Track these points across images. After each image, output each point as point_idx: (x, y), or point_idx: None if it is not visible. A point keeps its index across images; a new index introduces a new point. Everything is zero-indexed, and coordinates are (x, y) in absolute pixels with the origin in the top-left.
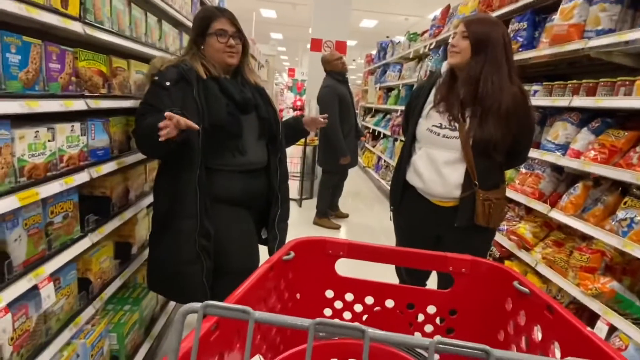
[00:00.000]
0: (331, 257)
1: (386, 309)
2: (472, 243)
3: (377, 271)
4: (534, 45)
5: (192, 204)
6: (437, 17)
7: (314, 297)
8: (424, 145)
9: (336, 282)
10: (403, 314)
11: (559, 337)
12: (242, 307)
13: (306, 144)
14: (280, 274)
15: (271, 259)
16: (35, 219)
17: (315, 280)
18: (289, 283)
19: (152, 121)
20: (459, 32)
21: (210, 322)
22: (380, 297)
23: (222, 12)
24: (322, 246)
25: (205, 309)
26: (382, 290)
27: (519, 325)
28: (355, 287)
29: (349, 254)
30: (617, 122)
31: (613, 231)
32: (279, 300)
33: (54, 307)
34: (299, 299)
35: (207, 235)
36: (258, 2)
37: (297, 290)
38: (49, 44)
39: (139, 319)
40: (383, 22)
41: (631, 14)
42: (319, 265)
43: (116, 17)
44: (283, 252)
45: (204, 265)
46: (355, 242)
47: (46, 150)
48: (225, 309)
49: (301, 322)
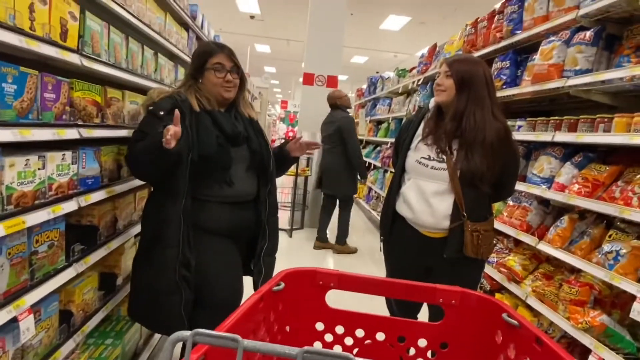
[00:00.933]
0: (322, 288)
1: (377, 342)
2: (462, 274)
3: (368, 302)
4: (517, 82)
5: (175, 233)
6: (424, 55)
7: (303, 330)
8: (413, 176)
9: (327, 314)
10: (394, 347)
11: None
12: (232, 336)
13: (297, 174)
14: (270, 305)
15: (261, 289)
16: (20, 247)
17: (305, 311)
18: (279, 315)
19: (149, 140)
20: (442, 72)
21: (198, 353)
22: (371, 330)
23: (221, 47)
24: (313, 277)
25: (194, 337)
26: (372, 322)
27: (509, 359)
28: (346, 319)
29: (340, 285)
30: (599, 157)
31: (600, 264)
32: (268, 332)
33: (33, 340)
34: (288, 332)
35: (188, 265)
36: (253, 38)
37: (286, 323)
38: (45, 75)
39: (120, 354)
40: (373, 58)
41: (606, 55)
42: (309, 296)
43: (113, 50)
44: (273, 283)
45: (183, 296)
46: (346, 273)
47: (35, 178)
48: (214, 337)
49: (289, 350)
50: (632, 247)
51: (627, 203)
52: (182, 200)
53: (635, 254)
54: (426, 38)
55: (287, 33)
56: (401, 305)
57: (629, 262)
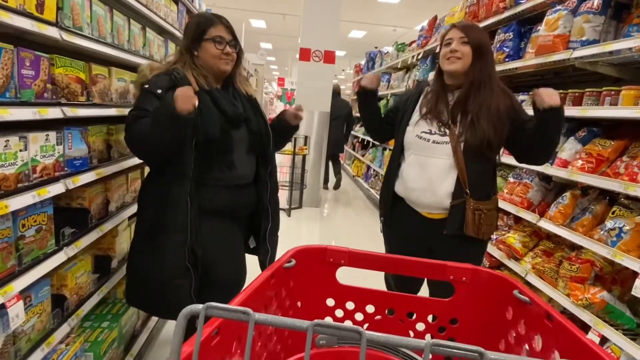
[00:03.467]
0: (332, 265)
1: (387, 318)
2: (463, 255)
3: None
4: (520, 55)
5: (182, 218)
6: (424, 28)
7: (314, 305)
8: (413, 152)
9: (337, 290)
10: (403, 323)
11: (559, 346)
12: (243, 309)
13: (295, 153)
14: (281, 281)
15: (272, 266)
16: (4, 232)
17: (316, 288)
18: (290, 291)
19: (160, 111)
20: (457, 38)
21: (211, 327)
22: (381, 306)
23: (219, 18)
24: (323, 254)
25: (207, 310)
26: (383, 298)
27: (520, 334)
28: (356, 295)
29: (350, 262)
30: (604, 132)
31: (602, 241)
32: (279, 307)
33: (24, 326)
34: (299, 307)
35: (196, 249)
36: (248, 13)
37: (298, 298)
38: (21, 50)
39: (117, 337)
40: (371, 32)
41: (614, 24)
42: (320, 273)
43: (96, 24)
44: (284, 260)
45: (193, 279)
46: (356, 251)
47: (17, 160)
48: (226, 310)
49: (300, 323)
50: (635, 223)
51: (632, 179)
52: (188, 184)
53: (638, 231)
54: (426, 11)
55: (283, 7)
56: (400, 284)
57: (632, 238)
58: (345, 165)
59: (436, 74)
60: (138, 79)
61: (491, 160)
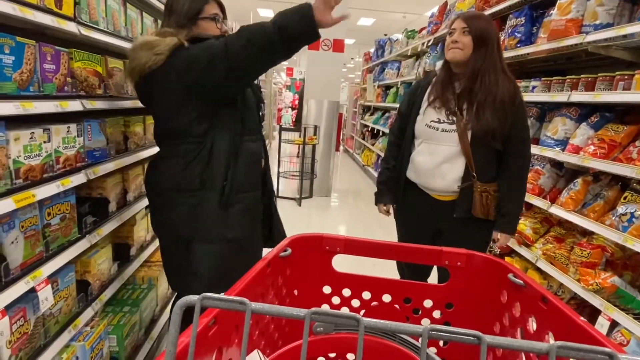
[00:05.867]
0: (328, 254)
1: (383, 304)
2: (472, 235)
3: (379, 267)
4: (532, 40)
5: (259, 173)
6: (434, 14)
7: (311, 293)
8: (424, 140)
9: (333, 277)
10: (400, 309)
11: (553, 328)
12: (239, 299)
13: (305, 142)
14: (277, 270)
15: (268, 255)
16: (32, 220)
17: (312, 276)
18: (287, 279)
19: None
20: (459, 29)
21: (209, 317)
22: (377, 292)
23: None
24: (319, 242)
25: (202, 300)
26: (379, 285)
27: (514, 317)
28: (353, 282)
29: (346, 250)
30: (616, 117)
31: (613, 226)
32: (276, 296)
33: (52, 309)
34: (296, 295)
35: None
36: (256, 2)
37: (294, 287)
38: (43, 45)
39: (138, 320)
40: (381, 20)
41: (629, 7)
42: (316, 261)
43: (111, 17)
44: (280, 249)
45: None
46: (352, 238)
47: (42, 152)
48: (222, 300)
49: (297, 311)
50: None
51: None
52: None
53: None
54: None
55: None
56: (411, 268)
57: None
58: (355, 154)
59: (443, 62)
60: (168, 45)
61: (497, 147)
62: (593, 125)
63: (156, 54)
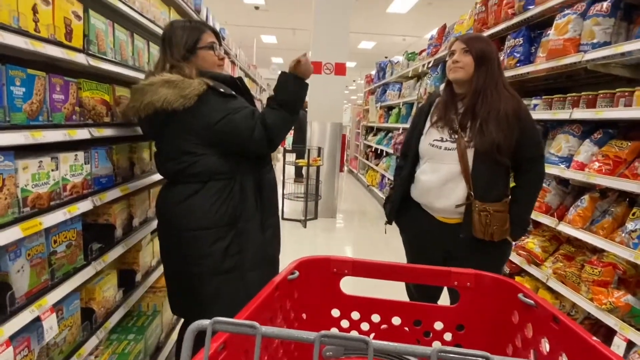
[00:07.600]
0: (336, 276)
1: (393, 327)
2: (483, 259)
3: (387, 289)
4: (531, 60)
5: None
6: (434, 37)
7: (320, 317)
8: (428, 160)
9: (342, 300)
10: (410, 331)
11: (567, 349)
12: (250, 322)
13: (309, 164)
14: (285, 293)
15: (276, 278)
16: (38, 248)
17: (320, 299)
18: (295, 303)
19: (290, 85)
20: (459, 49)
21: (218, 341)
22: (387, 315)
23: (204, 24)
24: (327, 265)
25: (214, 325)
26: (388, 307)
27: (527, 338)
28: (361, 305)
29: (354, 272)
30: (620, 133)
31: (624, 243)
32: (285, 320)
33: (57, 338)
34: (305, 319)
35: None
36: (259, 29)
37: (302, 310)
38: (53, 76)
39: (143, 348)
40: (381, 43)
41: (625, 26)
42: (324, 284)
43: (119, 48)
44: (288, 272)
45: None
46: (360, 260)
47: (50, 180)
48: (233, 324)
49: (307, 335)
50: None
51: None
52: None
53: None
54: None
55: (292, 22)
56: (421, 290)
57: None
58: (359, 174)
59: (446, 84)
60: (187, 93)
61: (503, 165)
62: (597, 141)
63: (183, 97)
